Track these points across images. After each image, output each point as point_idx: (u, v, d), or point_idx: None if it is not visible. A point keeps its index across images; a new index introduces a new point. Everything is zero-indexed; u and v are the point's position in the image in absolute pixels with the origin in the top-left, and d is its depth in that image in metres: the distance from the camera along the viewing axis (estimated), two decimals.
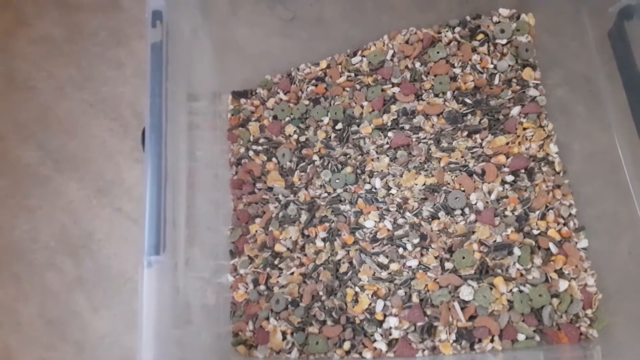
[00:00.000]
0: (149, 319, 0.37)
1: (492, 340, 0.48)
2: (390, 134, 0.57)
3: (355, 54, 0.62)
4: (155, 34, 0.44)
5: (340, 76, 0.61)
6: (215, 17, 0.57)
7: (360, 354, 0.50)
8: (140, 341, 0.36)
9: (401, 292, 0.51)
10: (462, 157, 0.55)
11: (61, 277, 0.60)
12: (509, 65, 0.57)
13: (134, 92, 0.66)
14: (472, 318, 0.49)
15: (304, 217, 0.56)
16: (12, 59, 0.68)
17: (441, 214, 0.53)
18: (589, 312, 0.48)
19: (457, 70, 0.58)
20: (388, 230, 0.53)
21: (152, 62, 0.43)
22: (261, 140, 0.61)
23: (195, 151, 0.53)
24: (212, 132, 0.60)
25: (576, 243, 0.51)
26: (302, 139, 0.60)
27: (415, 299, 0.50)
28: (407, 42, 0.60)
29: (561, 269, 0.50)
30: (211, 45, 0.59)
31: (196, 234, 0.51)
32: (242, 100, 0.64)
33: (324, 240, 0.55)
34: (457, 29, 0.59)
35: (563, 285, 0.48)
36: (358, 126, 0.59)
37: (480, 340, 0.48)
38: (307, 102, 0.61)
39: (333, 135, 0.59)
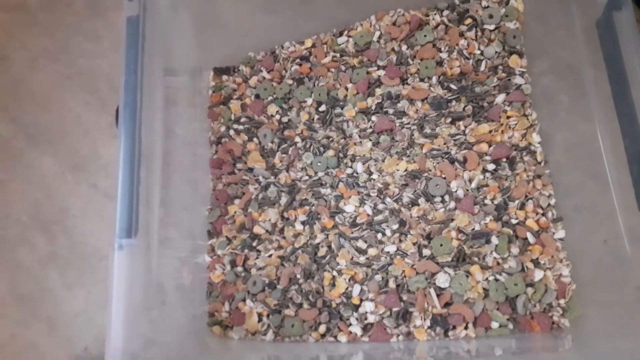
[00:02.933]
0: (118, 302, 0.37)
1: (466, 328, 0.49)
2: (374, 118, 0.56)
3: (341, 34, 0.60)
4: (131, 7, 0.42)
5: (326, 56, 0.60)
6: None
7: (335, 337, 0.50)
8: (110, 325, 0.36)
9: (378, 277, 0.51)
10: (444, 144, 0.54)
11: (33, 253, 0.59)
12: (496, 52, 0.56)
13: (111, 65, 0.64)
14: (447, 305, 0.49)
15: (284, 199, 0.55)
16: None
17: (421, 200, 0.52)
18: (562, 302, 0.49)
19: (444, 55, 0.57)
20: (368, 215, 0.53)
21: (128, 36, 0.41)
22: (242, 120, 0.59)
23: (174, 128, 0.52)
24: (191, 109, 0.59)
25: (553, 233, 0.51)
26: (285, 119, 0.59)
27: (392, 284, 0.50)
28: (394, 23, 0.59)
29: (537, 258, 0.50)
30: (191, 20, 0.57)
31: (172, 214, 0.50)
32: (224, 77, 0.62)
33: (303, 223, 0.54)
34: (446, 13, 0.58)
35: (538, 275, 0.49)
36: (342, 109, 0.58)
37: (454, 327, 0.49)
38: (290, 82, 0.60)
39: (316, 117, 0.58)
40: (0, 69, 0.64)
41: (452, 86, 0.56)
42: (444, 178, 0.53)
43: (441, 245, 0.50)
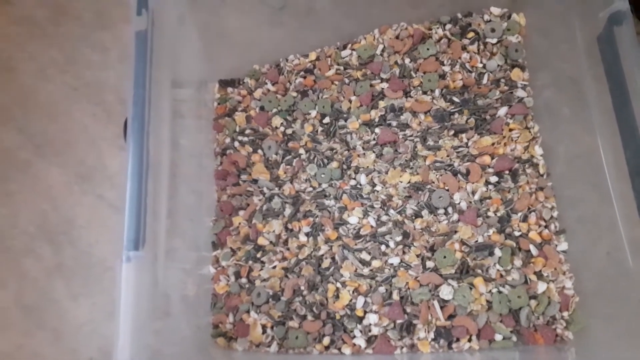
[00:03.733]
0: (126, 313, 0.37)
1: (469, 340, 0.49)
2: (377, 130, 0.57)
3: (345, 47, 0.61)
4: (140, 22, 0.43)
5: (330, 69, 0.60)
6: (203, 4, 0.56)
7: (339, 349, 0.50)
8: (117, 335, 0.36)
9: (382, 289, 0.51)
10: (447, 156, 0.55)
11: (40, 264, 0.59)
12: (498, 65, 0.57)
13: (118, 77, 0.65)
14: (451, 317, 0.49)
15: (288, 211, 0.56)
16: None
17: (424, 212, 0.53)
18: (565, 314, 0.49)
19: (447, 68, 0.57)
20: (371, 227, 0.53)
21: (137, 51, 0.42)
22: (247, 131, 0.60)
23: (179, 140, 0.53)
24: (197, 121, 0.60)
25: (556, 246, 0.52)
26: (289, 131, 0.59)
27: (395, 296, 0.50)
28: (397, 37, 0.60)
29: (540, 271, 0.50)
30: (198, 33, 0.57)
31: (178, 225, 0.51)
32: (229, 90, 0.63)
33: (307, 235, 0.54)
34: (448, 26, 0.59)
35: (541, 287, 0.49)
36: (345, 121, 0.58)
37: (458, 340, 0.49)
38: (295, 94, 0.60)
39: (320, 129, 0.59)
40: (9, 80, 0.65)
41: (455, 99, 0.56)
42: (447, 190, 0.53)
43: (444, 257, 0.50)
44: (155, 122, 0.43)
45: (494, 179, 0.53)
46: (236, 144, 0.60)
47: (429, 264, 0.51)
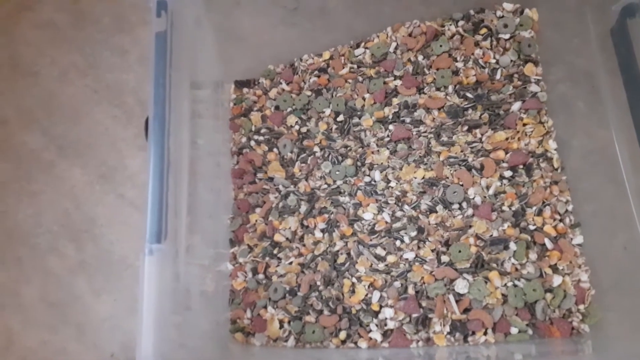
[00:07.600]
0: (149, 305, 0.38)
1: (485, 333, 0.49)
2: (391, 126, 0.58)
3: (358, 46, 0.62)
4: (159, 23, 0.44)
5: (343, 68, 0.61)
6: (218, 5, 0.57)
7: (355, 343, 0.51)
8: (141, 327, 0.37)
9: (397, 283, 0.51)
10: (461, 151, 0.55)
11: (63, 261, 0.61)
12: (511, 61, 0.57)
13: (137, 79, 0.66)
14: (466, 311, 0.50)
15: (303, 207, 0.56)
16: (16, 44, 0.68)
17: (439, 207, 0.53)
18: (581, 307, 0.49)
19: (460, 64, 0.58)
20: (386, 222, 0.54)
21: (157, 51, 0.43)
22: (263, 130, 0.61)
23: (197, 140, 0.54)
24: (214, 121, 0.61)
25: (571, 239, 0.52)
26: (304, 130, 0.60)
27: (411, 290, 0.51)
28: (410, 34, 0.60)
29: (556, 264, 0.50)
30: (214, 34, 0.59)
31: (197, 222, 0.52)
32: (245, 90, 0.64)
33: (322, 231, 0.55)
34: (461, 23, 0.59)
35: (557, 280, 0.49)
36: (359, 118, 0.59)
37: (473, 333, 0.49)
38: (309, 93, 0.61)
39: (334, 127, 0.60)
40: (32, 83, 0.67)
41: (468, 95, 0.57)
42: (462, 185, 0.54)
43: (459, 251, 0.51)
44: (175, 121, 0.44)
45: (508, 173, 0.53)
46: (252, 143, 0.61)
47: (444, 258, 0.51)
